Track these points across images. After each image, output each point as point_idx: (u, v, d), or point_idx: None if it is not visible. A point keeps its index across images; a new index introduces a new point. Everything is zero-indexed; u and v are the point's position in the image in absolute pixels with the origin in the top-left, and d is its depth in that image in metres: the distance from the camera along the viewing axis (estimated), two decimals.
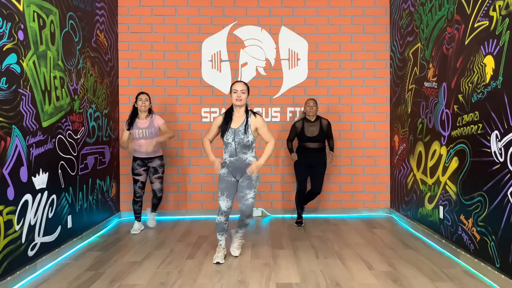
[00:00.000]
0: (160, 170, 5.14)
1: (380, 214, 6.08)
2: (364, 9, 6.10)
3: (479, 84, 3.62)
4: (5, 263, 3.27)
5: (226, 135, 3.95)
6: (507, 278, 3.20)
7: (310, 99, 5.42)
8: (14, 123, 3.38)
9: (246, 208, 3.99)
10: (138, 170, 5.08)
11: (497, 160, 3.33)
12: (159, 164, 5.13)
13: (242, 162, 3.98)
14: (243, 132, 3.93)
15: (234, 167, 3.99)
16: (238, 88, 3.96)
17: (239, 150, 3.95)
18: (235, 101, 3.96)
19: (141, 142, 5.01)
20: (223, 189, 4.01)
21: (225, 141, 3.98)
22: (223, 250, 4.07)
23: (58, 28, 4.17)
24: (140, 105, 4.99)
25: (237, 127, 3.96)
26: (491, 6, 3.44)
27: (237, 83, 4.02)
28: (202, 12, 6.05)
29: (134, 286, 3.39)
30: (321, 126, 5.37)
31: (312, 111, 5.35)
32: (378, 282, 3.43)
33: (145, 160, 5.07)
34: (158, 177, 5.15)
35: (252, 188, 4.00)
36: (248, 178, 3.99)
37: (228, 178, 4.01)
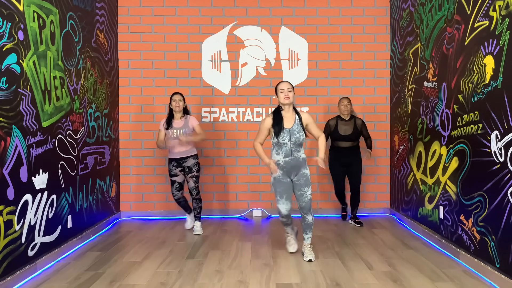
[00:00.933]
0: (194, 169, 5.06)
1: (380, 214, 6.08)
2: (364, 9, 6.10)
3: (479, 84, 3.62)
4: (5, 263, 3.27)
5: (282, 135, 3.95)
6: (507, 278, 3.19)
7: (344, 97, 5.43)
8: (14, 123, 3.38)
9: (306, 205, 4.02)
10: (174, 171, 5.06)
11: (497, 160, 3.33)
12: (193, 163, 5.06)
13: (297, 161, 4.00)
14: (298, 131, 3.96)
15: (290, 166, 4.00)
16: (284, 87, 4.00)
17: (294, 149, 3.98)
18: (283, 100, 3.98)
19: (175, 142, 5.00)
20: (281, 192, 4.02)
21: (280, 142, 3.96)
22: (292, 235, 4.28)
23: (58, 28, 4.17)
24: (174, 105, 4.98)
25: (291, 126, 3.97)
26: (491, 6, 3.44)
27: (282, 83, 4.06)
28: (202, 12, 6.05)
29: (134, 286, 3.39)
30: (355, 125, 5.38)
31: (346, 110, 5.36)
32: (378, 282, 3.43)
33: (179, 161, 5.04)
34: (193, 176, 5.06)
35: (310, 184, 4.06)
36: (304, 176, 4.03)
37: (284, 179, 4.02)
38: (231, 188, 6.11)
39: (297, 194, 4.04)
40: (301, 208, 4.05)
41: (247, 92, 6.05)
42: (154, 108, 6.01)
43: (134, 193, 6.04)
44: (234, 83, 6.09)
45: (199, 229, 5.10)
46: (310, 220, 4.07)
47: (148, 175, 6.02)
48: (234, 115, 6.08)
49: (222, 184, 6.08)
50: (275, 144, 4.01)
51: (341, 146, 5.40)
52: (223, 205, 6.10)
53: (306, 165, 4.08)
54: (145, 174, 6.02)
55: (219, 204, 6.09)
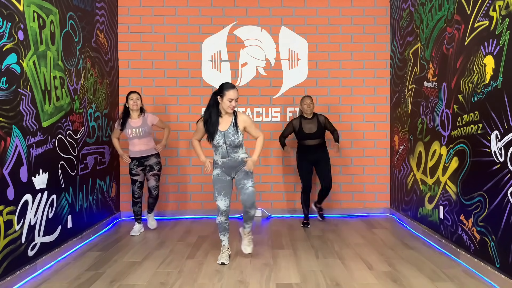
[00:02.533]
0: (156, 167, 5.11)
1: (380, 214, 6.08)
2: (364, 9, 6.10)
3: (479, 84, 3.62)
4: (5, 263, 3.27)
5: (216, 138, 3.89)
6: (507, 278, 3.20)
7: (306, 96, 5.43)
8: (14, 123, 3.38)
9: (248, 197, 3.94)
10: (135, 170, 5.06)
11: (497, 160, 3.33)
12: (155, 161, 5.11)
13: (235, 161, 3.97)
14: (233, 134, 3.89)
15: (228, 166, 3.98)
16: (233, 97, 3.83)
17: (230, 150, 3.93)
18: (227, 108, 3.85)
19: (135, 141, 5.00)
20: (219, 188, 3.98)
21: (215, 144, 3.92)
22: (227, 250, 4.05)
23: (58, 28, 4.17)
24: (131, 104, 4.96)
25: (225, 129, 3.90)
26: (491, 6, 3.44)
27: (232, 90, 3.84)
28: (202, 12, 6.05)
29: (134, 286, 3.39)
30: (318, 122, 5.39)
31: (309, 109, 5.36)
32: (378, 282, 3.43)
33: (141, 159, 5.06)
34: (154, 174, 5.11)
35: (250, 178, 3.98)
36: (243, 171, 3.98)
37: (223, 177, 4.00)
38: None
39: (239, 187, 4.00)
40: (243, 202, 3.94)
41: (247, 92, 6.05)
42: (154, 108, 6.01)
43: None
44: (234, 83, 6.08)
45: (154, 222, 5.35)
46: (253, 213, 4.02)
47: None
48: None
49: None
50: (213, 145, 3.97)
51: (307, 145, 5.39)
52: None
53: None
54: None
55: None
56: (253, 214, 4.05)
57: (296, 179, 6.08)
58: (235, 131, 3.89)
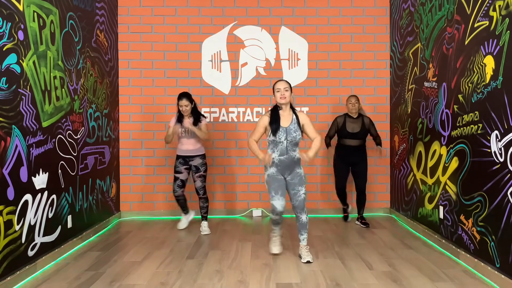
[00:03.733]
0: (202, 168, 5.11)
1: (380, 214, 6.08)
2: (364, 9, 6.10)
3: (479, 84, 3.62)
4: (5, 263, 3.27)
5: (278, 134, 3.95)
6: (507, 278, 3.20)
7: (351, 96, 5.41)
8: (14, 123, 3.38)
9: (299, 204, 4.01)
10: (179, 168, 5.10)
11: (497, 160, 3.33)
12: (200, 162, 5.11)
13: (291, 160, 4.00)
14: (295, 130, 3.96)
15: (284, 165, 4.01)
16: (281, 87, 3.97)
17: (290, 148, 3.98)
18: (279, 99, 3.97)
19: (183, 140, 5.08)
20: (276, 188, 4.00)
21: (276, 140, 3.97)
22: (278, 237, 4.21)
23: (58, 28, 4.17)
24: (182, 111, 5.02)
25: (287, 125, 3.97)
26: (491, 6, 3.44)
27: (279, 82, 4.02)
28: (202, 12, 6.05)
29: (134, 286, 3.39)
30: (363, 123, 5.37)
31: (354, 108, 5.33)
32: (378, 282, 3.43)
33: (186, 158, 5.09)
34: (200, 175, 5.11)
35: (303, 183, 4.06)
36: (298, 175, 4.04)
37: (279, 176, 4.03)
38: (231, 188, 6.11)
39: (291, 193, 4.05)
40: (295, 208, 4.04)
41: (247, 92, 6.05)
42: (154, 108, 6.01)
43: (134, 193, 6.04)
44: (234, 83, 6.09)
45: (207, 229, 5.13)
46: (305, 219, 4.05)
47: (148, 175, 6.03)
48: (234, 115, 6.08)
49: (222, 184, 6.09)
50: (271, 142, 4.02)
51: (347, 144, 5.37)
52: (223, 205, 6.10)
53: (300, 164, 4.09)
54: (145, 174, 6.02)
55: (219, 204, 6.09)
56: (306, 221, 4.06)
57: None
58: (297, 128, 3.98)
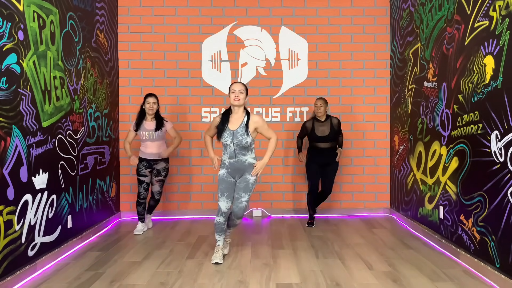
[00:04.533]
0: (163, 173, 5.14)
1: (380, 214, 6.08)
2: (364, 9, 6.10)
3: (479, 84, 3.62)
4: (5, 263, 3.27)
5: (224, 136, 3.92)
6: (507, 278, 3.20)
7: (318, 98, 5.39)
8: (14, 123, 3.38)
9: (239, 211, 3.97)
10: (143, 171, 5.08)
11: (497, 160, 3.33)
12: (163, 167, 5.13)
13: (241, 164, 3.95)
14: (242, 134, 3.89)
15: (234, 168, 3.97)
16: (236, 88, 3.93)
17: (238, 151, 3.93)
18: (233, 101, 3.92)
19: (147, 143, 5.05)
20: (223, 190, 3.98)
21: (223, 142, 3.95)
22: (221, 250, 4.05)
23: (58, 28, 4.17)
24: (147, 108, 5.00)
25: (235, 128, 3.92)
26: (491, 6, 3.44)
27: (235, 83, 4.00)
28: (202, 12, 6.06)
29: (134, 286, 3.39)
30: (331, 125, 5.35)
31: (320, 111, 5.31)
32: (378, 282, 3.43)
33: (150, 162, 5.09)
34: (159, 180, 5.15)
35: (248, 191, 3.97)
36: (245, 181, 3.96)
37: (228, 179, 4.00)
38: None
39: (234, 197, 4.00)
40: (234, 213, 4.01)
41: None
42: None
43: (134, 193, 6.03)
44: None
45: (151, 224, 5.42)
46: (237, 223, 4.14)
47: None
48: None
49: None
50: (222, 144, 4.01)
51: (319, 147, 5.36)
52: None
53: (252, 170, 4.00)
54: None
55: None
56: (238, 224, 4.18)
57: (295, 179, 6.09)
58: (244, 131, 3.90)
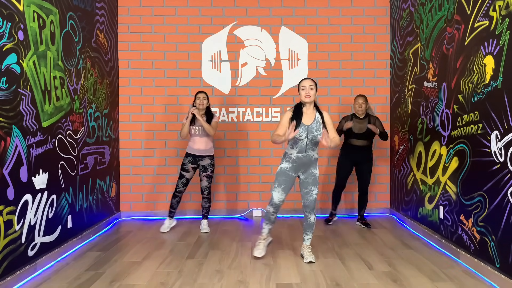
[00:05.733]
0: (209, 169, 5.15)
1: (380, 214, 6.08)
2: (364, 9, 6.10)
3: (479, 84, 3.62)
4: (5, 263, 3.27)
5: (299, 131, 3.91)
6: (507, 278, 3.20)
7: (358, 96, 5.36)
8: (14, 123, 3.38)
9: (311, 203, 4.02)
10: (187, 166, 5.12)
11: (497, 160, 3.33)
12: (209, 163, 5.15)
13: (309, 159, 3.98)
14: (317, 129, 3.93)
15: (301, 163, 3.98)
16: (306, 85, 3.93)
17: (309, 146, 3.96)
18: (304, 98, 3.93)
19: (196, 139, 5.11)
20: (281, 181, 3.99)
21: (297, 137, 3.93)
22: (264, 241, 4.11)
23: (58, 28, 4.17)
24: (198, 103, 5.05)
25: (310, 123, 3.93)
26: (491, 6, 3.44)
27: (305, 80, 3.97)
28: (202, 12, 6.05)
29: (134, 286, 3.39)
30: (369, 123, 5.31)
31: (361, 109, 5.29)
32: (378, 282, 3.43)
33: (196, 157, 5.11)
34: (207, 175, 5.15)
35: (317, 184, 4.04)
36: (313, 175, 4.01)
37: (290, 172, 4.01)
38: (231, 188, 6.11)
39: (303, 192, 4.04)
40: (305, 207, 4.04)
41: (247, 92, 6.05)
42: (154, 108, 6.01)
43: (134, 193, 6.04)
44: (234, 83, 6.09)
45: (206, 227, 5.19)
46: (312, 220, 4.06)
47: (148, 175, 6.02)
48: (234, 115, 6.08)
49: (222, 184, 6.08)
50: (291, 139, 3.95)
51: (354, 144, 5.34)
52: (223, 205, 6.10)
53: (317, 165, 4.07)
54: (145, 174, 6.02)
55: (219, 204, 6.09)
56: (313, 221, 4.08)
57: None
58: (319, 127, 3.94)
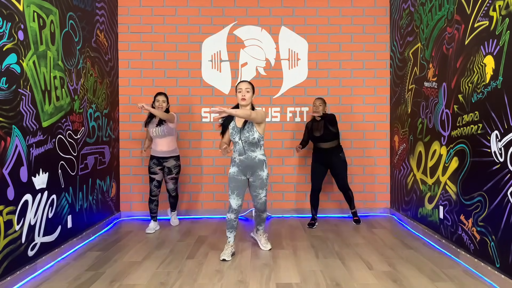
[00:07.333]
0: (174, 171, 5.19)
1: (380, 214, 6.08)
2: (364, 9, 6.10)
3: (479, 84, 3.62)
4: (5, 263, 3.27)
5: (232, 134, 4.03)
6: (507, 278, 3.20)
7: (316, 98, 5.36)
8: (14, 123, 3.38)
9: (261, 206, 4.20)
10: (154, 169, 5.16)
11: (497, 160, 3.33)
12: (174, 164, 5.17)
13: (251, 160, 4.04)
14: (248, 130, 3.98)
15: (245, 165, 4.06)
16: (242, 87, 4.01)
17: (247, 148, 4.01)
18: (240, 100, 4.01)
19: (157, 141, 5.14)
20: (233, 188, 4.07)
21: (232, 140, 4.07)
22: (231, 247, 4.13)
23: (58, 28, 4.17)
24: (157, 106, 5.08)
25: (241, 125, 4.02)
26: (491, 6, 3.44)
27: (241, 82, 4.07)
28: (202, 12, 6.05)
29: (134, 286, 3.39)
30: (324, 124, 5.26)
31: (317, 111, 5.25)
32: (378, 282, 3.43)
33: (160, 159, 5.15)
34: (172, 177, 5.20)
35: (264, 187, 4.14)
36: (259, 178, 4.09)
37: (239, 177, 4.07)
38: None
39: (252, 195, 4.17)
40: (257, 209, 4.24)
41: None
42: None
43: (134, 193, 6.04)
44: (234, 83, 6.08)
45: (176, 220, 5.50)
46: (264, 216, 4.29)
47: (148, 175, 6.01)
48: None
49: (222, 184, 6.08)
50: (232, 142, 4.13)
51: (320, 147, 5.35)
52: (223, 205, 6.09)
53: (264, 167, 4.09)
54: (145, 174, 6.02)
55: (219, 204, 6.09)
56: (265, 217, 4.32)
57: (296, 179, 6.09)
58: (251, 128, 3.99)
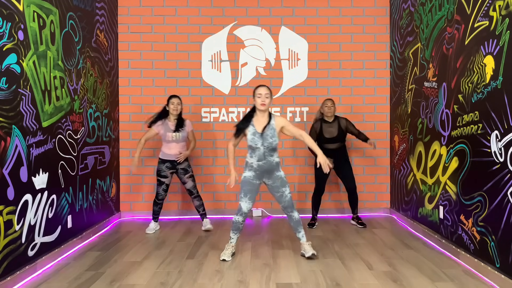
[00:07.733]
0: (189, 169, 5.20)
1: (380, 214, 6.08)
2: (364, 9, 6.10)
3: (479, 84, 3.62)
4: (5, 263, 3.27)
5: (254, 140, 3.97)
6: (507, 278, 3.19)
7: (327, 99, 5.37)
8: (14, 123, 3.38)
9: (287, 204, 4.08)
10: (165, 173, 5.12)
11: (497, 160, 3.33)
12: (187, 164, 5.20)
13: (270, 165, 4.02)
14: (271, 136, 3.96)
15: (263, 170, 4.03)
16: (262, 92, 3.97)
17: (267, 153, 3.99)
18: (259, 106, 3.97)
19: (172, 145, 5.09)
20: (246, 191, 4.03)
21: (252, 146, 3.99)
22: (232, 248, 4.11)
23: (58, 28, 4.17)
24: (172, 108, 5.06)
25: (263, 131, 3.97)
26: (491, 6, 3.44)
27: (261, 87, 4.02)
28: (202, 12, 6.05)
29: (134, 286, 3.39)
30: (339, 126, 5.33)
31: (330, 111, 5.29)
32: (378, 282, 3.43)
33: (174, 162, 5.13)
34: (190, 175, 5.19)
35: (286, 184, 4.07)
36: (279, 178, 4.05)
37: (254, 181, 4.05)
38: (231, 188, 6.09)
39: (276, 196, 4.09)
40: (284, 208, 4.10)
41: (247, 92, 6.04)
42: (154, 108, 5.99)
43: (134, 193, 6.04)
44: (234, 83, 6.09)
45: (210, 225, 5.23)
46: (297, 216, 4.10)
47: (148, 175, 6.02)
48: (234, 115, 6.08)
49: (221, 184, 6.08)
50: (249, 147, 4.05)
51: (327, 148, 5.33)
52: (223, 205, 6.10)
53: (279, 167, 4.09)
54: (145, 174, 6.02)
55: (218, 204, 6.09)
56: (298, 218, 4.11)
57: (296, 179, 6.09)
58: (273, 133, 3.97)
